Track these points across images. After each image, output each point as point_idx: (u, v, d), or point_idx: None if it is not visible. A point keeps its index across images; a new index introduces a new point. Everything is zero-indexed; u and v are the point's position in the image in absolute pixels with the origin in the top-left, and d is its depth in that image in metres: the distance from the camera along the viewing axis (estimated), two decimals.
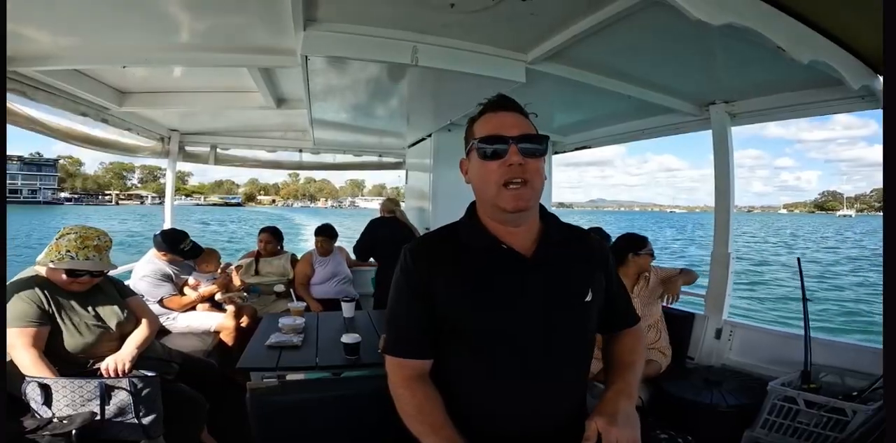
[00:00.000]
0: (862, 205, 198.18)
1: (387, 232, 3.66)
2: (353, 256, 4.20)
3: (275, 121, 3.95)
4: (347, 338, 2.11)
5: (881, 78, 1.94)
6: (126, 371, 1.93)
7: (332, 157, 4.74)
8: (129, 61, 2.25)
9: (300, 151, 4.61)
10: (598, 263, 1.11)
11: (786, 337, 2.59)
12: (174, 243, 3.11)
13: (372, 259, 3.92)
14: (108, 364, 1.92)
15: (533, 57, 2.03)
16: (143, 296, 2.86)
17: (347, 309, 2.85)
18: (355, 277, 4.06)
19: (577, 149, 3.97)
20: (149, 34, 2.04)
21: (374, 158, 4.89)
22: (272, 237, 3.85)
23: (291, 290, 3.28)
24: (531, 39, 1.93)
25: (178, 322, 3.06)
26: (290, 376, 2.00)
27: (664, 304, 2.65)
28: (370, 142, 4.45)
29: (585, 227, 1.21)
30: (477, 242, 1.05)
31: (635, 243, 2.61)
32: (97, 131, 3.23)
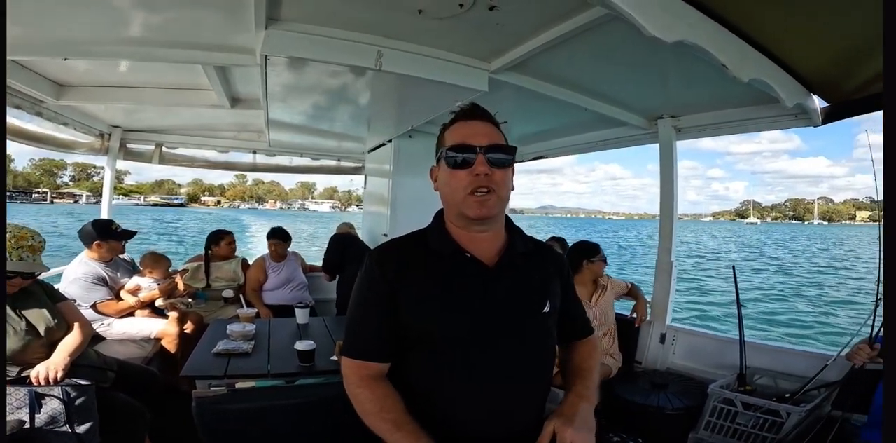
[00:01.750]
0: (777, 213, 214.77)
1: (354, 247, 3.84)
2: (308, 262, 4.13)
3: (228, 120, 3.80)
4: (301, 345, 2.06)
5: (815, 97, 2.12)
6: (58, 379, 1.81)
7: (288, 159, 4.61)
8: (72, 53, 2.10)
9: (254, 152, 4.46)
10: (556, 276, 1.15)
11: (723, 341, 2.75)
12: (105, 228, 2.95)
13: None
14: (39, 372, 1.80)
15: (496, 66, 2.07)
16: (74, 300, 2.68)
17: (301, 315, 2.77)
18: (311, 284, 3.96)
19: (534, 158, 4.08)
20: (96, 26, 1.93)
21: (333, 162, 4.80)
22: (232, 239, 3.70)
23: (241, 295, 3.15)
24: (495, 49, 1.97)
25: (113, 328, 2.87)
26: (240, 384, 1.92)
27: (636, 325, 2.88)
28: (329, 145, 4.37)
29: (537, 235, 1.28)
30: (442, 248, 1.06)
31: (588, 251, 2.71)
32: (30, 125, 2.99)
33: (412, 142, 3.54)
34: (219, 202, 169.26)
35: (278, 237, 3.74)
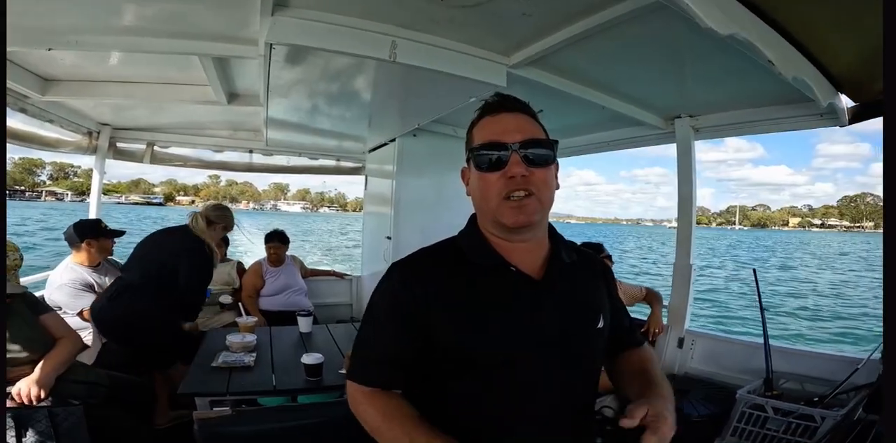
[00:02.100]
0: (722, 219, 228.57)
1: None
2: (308, 266, 3.99)
3: (224, 118, 3.65)
4: (308, 358, 1.93)
5: (842, 96, 2.04)
6: (41, 397, 1.70)
7: (285, 159, 4.45)
8: (57, 44, 1.95)
9: (250, 151, 4.29)
10: (604, 286, 1.03)
11: (744, 345, 2.68)
12: (95, 226, 2.83)
13: None
14: (21, 389, 1.68)
15: (515, 61, 1.96)
16: (59, 308, 2.53)
17: (304, 324, 2.64)
18: (310, 288, 3.81)
19: None
20: (84, 13, 1.79)
21: (332, 162, 4.64)
22: (221, 242, 3.54)
23: (240, 303, 3.00)
24: (517, 42, 1.86)
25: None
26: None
27: (649, 338, 2.75)
28: (328, 144, 4.22)
29: None
30: (483, 261, 0.92)
31: (592, 250, 2.62)
32: (12, 122, 2.82)
33: (416, 141, 3.41)
34: (193, 202, 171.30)
35: (277, 240, 3.60)
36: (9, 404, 1.67)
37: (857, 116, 2.20)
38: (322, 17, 1.63)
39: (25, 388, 1.69)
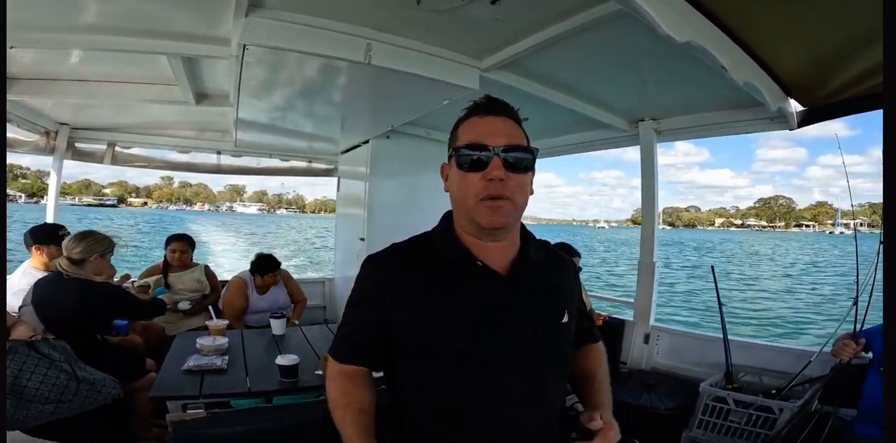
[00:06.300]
0: (660, 219, 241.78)
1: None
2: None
3: (191, 119, 3.56)
4: (283, 360, 1.90)
5: (791, 101, 2.17)
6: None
7: (255, 160, 4.38)
8: (18, 41, 1.88)
9: (219, 153, 4.19)
10: (570, 283, 1.08)
11: (705, 340, 2.80)
12: (52, 233, 2.63)
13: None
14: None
15: (487, 64, 2.01)
16: (17, 314, 2.41)
17: (277, 326, 2.59)
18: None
19: None
20: (48, 9, 1.73)
21: (303, 164, 4.60)
22: (187, 246, 3.41)
23: (211, 307, 2.92)
24: (489, 46, 1.91)
25: None
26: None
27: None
28: (300, 146, 4.18)
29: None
30: (452, 256, 0.95)
31: (569, 252, 2.68)
32: None
33: (390, 143, 3.43)
34: (145, 203, 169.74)
35: (272, 268, 3.23)
36: None
37: (805, 119, 2.34)
38: (297, 18, 1.64)
39: None
